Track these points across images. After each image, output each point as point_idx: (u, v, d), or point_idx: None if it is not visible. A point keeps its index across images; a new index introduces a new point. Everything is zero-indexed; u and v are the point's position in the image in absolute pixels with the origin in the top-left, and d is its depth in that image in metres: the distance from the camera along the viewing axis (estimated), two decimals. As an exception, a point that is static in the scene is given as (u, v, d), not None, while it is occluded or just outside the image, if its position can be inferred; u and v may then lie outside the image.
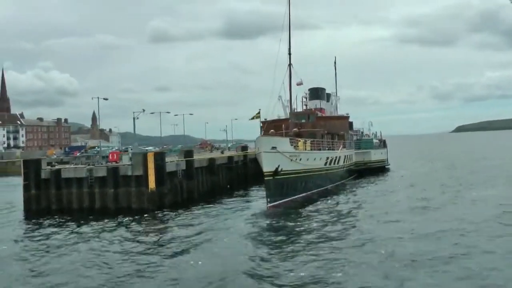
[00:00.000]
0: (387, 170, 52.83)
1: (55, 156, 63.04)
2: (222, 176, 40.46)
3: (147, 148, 74.40)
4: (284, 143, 28.33)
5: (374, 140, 52.31)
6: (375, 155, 50.04)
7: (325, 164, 34.01)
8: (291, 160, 28.31)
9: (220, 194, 35.57)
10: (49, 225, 25.75)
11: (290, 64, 34.79)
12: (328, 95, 51.95)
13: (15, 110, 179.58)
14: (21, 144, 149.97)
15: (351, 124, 44.32)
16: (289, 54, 34.74)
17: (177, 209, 28.80)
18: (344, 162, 39.64)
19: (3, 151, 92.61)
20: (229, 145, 70.48)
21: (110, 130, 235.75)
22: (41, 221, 27.06)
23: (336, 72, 67.87)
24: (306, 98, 41.51)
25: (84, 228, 24.17)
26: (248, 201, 32.40)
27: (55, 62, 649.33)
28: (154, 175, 29.27)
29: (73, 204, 30.61)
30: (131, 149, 42.74)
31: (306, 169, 30.33)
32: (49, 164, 33.12)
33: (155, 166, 29.40)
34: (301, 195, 29.99)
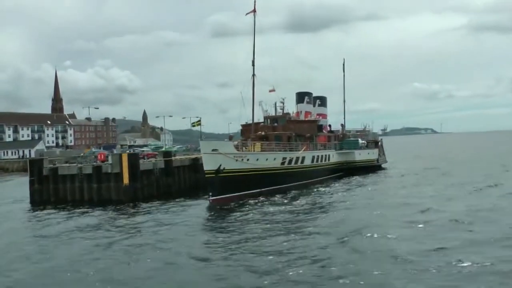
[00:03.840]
0: (378, 169, 58.46)
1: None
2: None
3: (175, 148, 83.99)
4: (226, 146, 35.36)
5: (360, 141, 57.60)
6: (360, 155, 55.25)
7: (283, 164, 40.31)
8: (236, 160, 35.23)
9: (202, 190, 42.64)
10: (48, 213, 34.38)
11: (253, 75, 41.65)
12: (324, 99, 59.19)
13: (75, 108, 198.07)
14: (70, 143, 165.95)
15: (320, 126, 49.76)
16: (253, 65, 41.57)
17: (151, 201, 36.76)
18: (313, 162, 45.60)
19: (45, 150, 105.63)
20: None
21: (161, 128, 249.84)
22: (41, 209, 36.09)
23: (345, 74, 73.84)
24: (282, 103, 47.78)
25: (73, 215, 32.81)
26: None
27: (115, 60, 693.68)
28: (127, 173, 37.49)
29: (67, 196, 39.51)
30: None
31: (256, 168, 36.93)
32: (51, 162, 42.23)
33: (129, 165, 37.58)
34: (251, 191, 35.99)
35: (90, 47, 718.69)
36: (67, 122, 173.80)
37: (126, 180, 37.43)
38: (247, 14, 42.13)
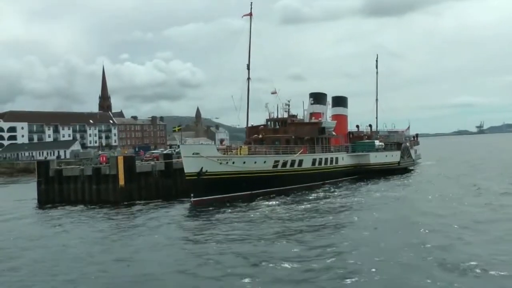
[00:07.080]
0: (400, 172, 58.99)
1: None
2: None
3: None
4: (208, 149, 38.53)
5: (377, 143, 58.70)
6: (376, 158, 56.23)
7: (275, 166, 42.57)
8: (220, 163, 38.24)
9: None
10: (53, 212, 39.21)
11: (248, 78, 44.76)
12: (342, 99, 61.68)
13: (134, 105, 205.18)
14: (113, 143, 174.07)
15: (323, 129, 51.00)
16: (248, 69, 44.58)
17: (147, 202, 40.57)
18: (315, 165, 47.55)
19: (80, 150, 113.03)
20: None
21: (217, 126, 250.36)
22: (47, 208, 41.17)
23: (378, 71, 75.27)
24: (287, 105, 50.14)
25: (73, 213, 37.46)
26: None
27: (176, 52, 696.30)
28: (123, 174, 41.63)
29: (70, 196, 44.15)
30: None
31: (242, 171, 39.57)
32: (58, 164, 47.31)
33: (125, 167, 41.64)
34: (237, 193, 38.80)
35: (148, 38, 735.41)
36: (111, 121, 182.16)
37: (121, 181, 41.46)
38: (243, 16, 45.17)
